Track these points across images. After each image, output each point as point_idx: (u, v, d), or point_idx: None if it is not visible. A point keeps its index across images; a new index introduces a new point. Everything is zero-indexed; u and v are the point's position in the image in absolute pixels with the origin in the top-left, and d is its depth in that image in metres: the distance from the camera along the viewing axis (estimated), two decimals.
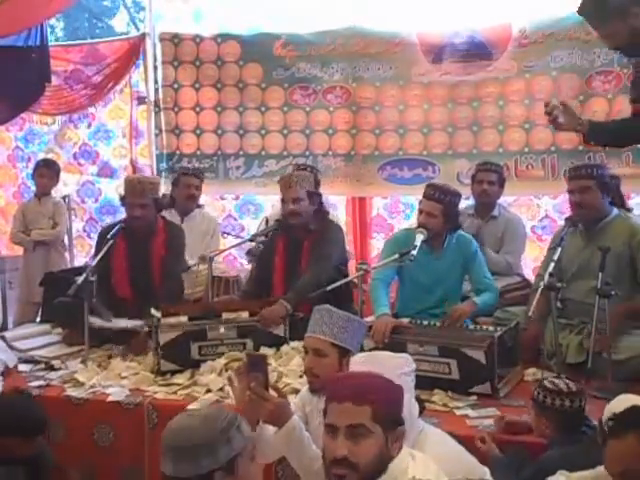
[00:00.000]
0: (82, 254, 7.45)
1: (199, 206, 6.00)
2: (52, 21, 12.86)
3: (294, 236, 4.81)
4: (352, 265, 5.29)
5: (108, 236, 4.63)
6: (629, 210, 4.45)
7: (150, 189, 4.82)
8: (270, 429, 2.71)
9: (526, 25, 6.00)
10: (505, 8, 6.10)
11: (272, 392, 2.67)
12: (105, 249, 4.56)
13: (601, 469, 2.44)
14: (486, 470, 2.56)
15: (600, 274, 3.70)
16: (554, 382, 2.97)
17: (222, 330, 4.19)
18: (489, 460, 2.95)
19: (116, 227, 4.73)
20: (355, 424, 2.06)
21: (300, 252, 4.76)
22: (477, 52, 6.14)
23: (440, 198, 4.35)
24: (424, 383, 3.50)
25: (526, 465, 2.89)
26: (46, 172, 6.38)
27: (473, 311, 4.30)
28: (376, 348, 3.80)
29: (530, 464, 2.87)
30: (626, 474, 2.27)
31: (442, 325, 4.11)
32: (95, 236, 6.87)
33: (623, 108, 5.72)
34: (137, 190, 4.79)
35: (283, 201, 4.84)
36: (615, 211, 4.22)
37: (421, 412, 2.66)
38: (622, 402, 2.50)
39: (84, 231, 7.65)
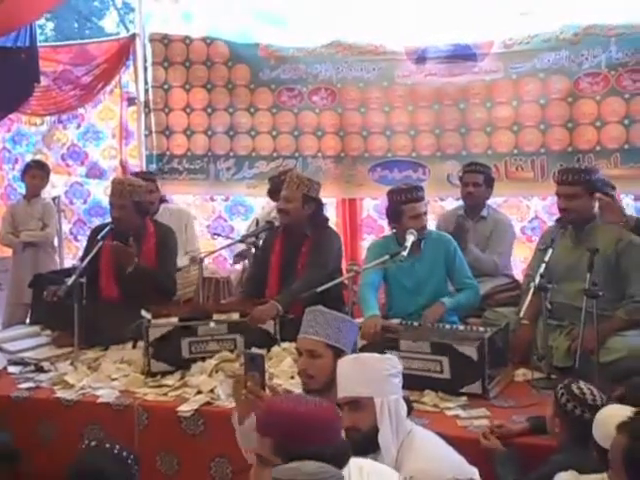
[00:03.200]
0: (69, 256, 7.41)
1: (163, 201, 5.99)
2: (41, 21, 12.85)
3: (291, 238, 4.80)
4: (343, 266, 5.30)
5: (98, 237, 4.63)
6: None
7: (129, 191, 4.82)
8: None
9: (511, 33, 5.99)
10: (489, 22, 6.04)
11: (268, 391, 2.68)
12: (95, 250, 4.56)
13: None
14: (475, 470, 2.58)
15: (588, 275, 3.72)
16: (582, 389, 2.86)
17: (212, 325, 4.19)
18: (494, 455, 2.97)
19: (107, 228, 4.73)
20: (258, 454, 2.05)
21: (297, 255, 4.74)
22: (461, 53, 6.12)
23: (422, 196, 4.47)
24: (415, 384, 3.53)
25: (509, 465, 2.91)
26: (38, 173, 6.37)
27: (443, 311, 4.31)
28: (369, 344, 3.82)
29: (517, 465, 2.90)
30: None
31: (433, 326, 4.12)
32: (82, 238, 6.90)
33: (612, 110, 5.76)
34: (115, 191, 4.86)
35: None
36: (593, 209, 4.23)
37: (409, 413, 2.67)
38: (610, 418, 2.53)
39: (71, 233, 7.59)
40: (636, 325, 3.95)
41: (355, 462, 2.10)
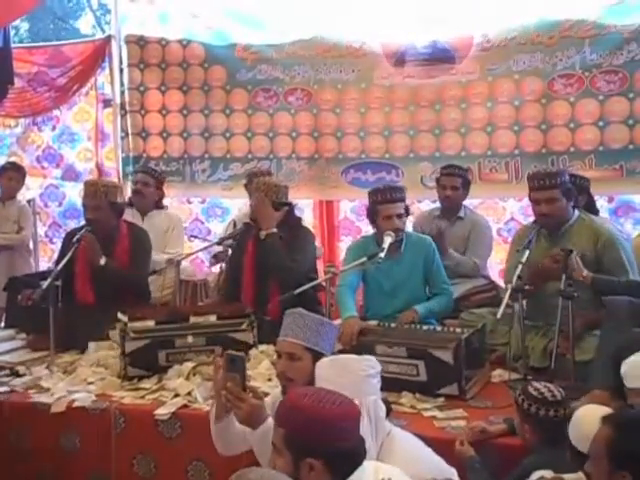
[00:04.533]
0: (44, 259, 7.35)
1: (161, 207, 5.95)
2: (16, 22, 12.71)
3: (265, 241, 4.74)
4: (320, 268, 5.30)
5: (73, 240, 4.58)
6: (596, 213, 4.48)
7: (103, 191, 4.79)
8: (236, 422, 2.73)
9: (488, 32, 6.04)
10: (467, 18, 6.09)
11: (248, 393, 2.69)
12: (70, 253, 4.52)
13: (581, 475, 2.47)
14: (453, 471, 2.58)
15: (563, 276, 3.74)
16: (538, 389, 2.90)
17: (190, 340, 4.15)
18: (466, 461, 2.98)
19: (81, 231, 4.68)
20: (273, 441, 2.11)
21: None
22: (440, 55, 6.16)
23: (401, 197, 4.44)
24: (392, 385, 3.53)
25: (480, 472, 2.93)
26: (14, 175, 6.33)
27: (416, 319, 4.29)
28: (344, 350, 3.82)
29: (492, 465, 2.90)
30: None
31: (410, 327, 4.13)
32: (58, 240, 6.84)
33: (586, 111, 5.81)
34: (89, 192, 4.81)
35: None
36: (576, 213, 4.27)
37: (387, 414, 2.67)
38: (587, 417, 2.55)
39: (46, 236, 7.53)
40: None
41: (372, 464, 2.12)
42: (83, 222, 4.95)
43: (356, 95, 6.44)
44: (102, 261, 4.67)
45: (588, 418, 2.58)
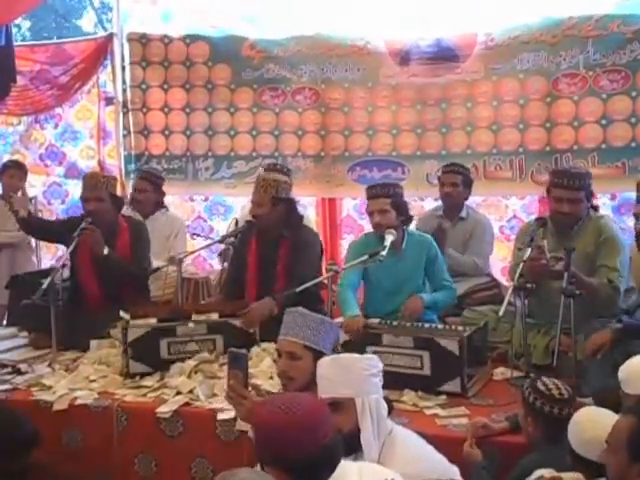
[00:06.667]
0: (48, 256, 7.35)
1: (163, 207, 5.94)
2: (18, 20, 12.75)
3: (267, 238, 4.72)
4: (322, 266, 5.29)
5: (74, 234, 4.55)
6: (595, 208, 4.49)
7: (104, 182, 4.78)
8: None
9: (492, 30, 6.04)
10: (471, 17, 6.09)
11: (251, 390, 2.69)
12: (72, 247, 4.51)
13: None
14: (455, 469, 2.58)
15: (565, 274, 3.73)
16: (547, 385, 2.91)
17: (191, 325, 4.15)
18: (473, 466, 2.97)
19: (82, 223, 4.63)
20: None
21: (275, 256, 4.67)
22: (444, 55, 6.17)
23: (385, 193, 4.42)
24: (394, 383, 3.53)
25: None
26: (16, 173, 6.32)
27: (421, 305, 4.29)
28: (351, 341, 3.83)
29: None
30: None
31: (412, 325, 4.13)
32: None
33: (589, 110, 5.82)
34: (89, 184, 4.79)
35: None
36: (585, 212, 4.27)
37: (389, 412, 2.67)
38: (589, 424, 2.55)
39: None
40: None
41: (355, 466, 2.10)
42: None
43: (363, 94, 6.44)
44: (105, 251, 4.67)
45: (589, 424, 2.57)
